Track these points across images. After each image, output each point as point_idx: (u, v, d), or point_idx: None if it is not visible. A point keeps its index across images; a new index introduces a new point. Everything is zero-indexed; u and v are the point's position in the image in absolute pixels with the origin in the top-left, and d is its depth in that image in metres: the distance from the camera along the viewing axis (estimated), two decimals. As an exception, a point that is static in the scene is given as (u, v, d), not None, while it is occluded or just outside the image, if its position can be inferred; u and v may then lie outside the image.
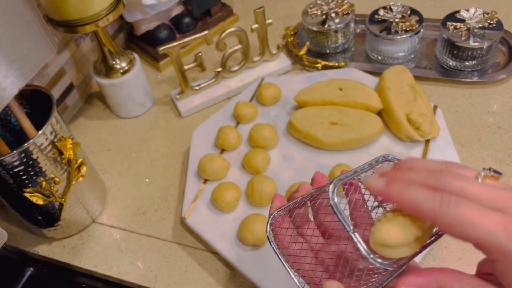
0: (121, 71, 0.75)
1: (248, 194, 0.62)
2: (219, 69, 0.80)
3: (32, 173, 0.54)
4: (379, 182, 0.31)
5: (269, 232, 0.39)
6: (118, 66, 0.75)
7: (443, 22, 0.74)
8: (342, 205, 0.38)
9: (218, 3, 0.92)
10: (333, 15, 0.79)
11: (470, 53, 0.73)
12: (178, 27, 0.90)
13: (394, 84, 0.69)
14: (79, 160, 0.59)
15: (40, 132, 0.53)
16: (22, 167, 0.53)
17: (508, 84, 0.73)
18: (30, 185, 0.55)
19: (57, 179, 0.57)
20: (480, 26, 0.71)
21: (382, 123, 0.66)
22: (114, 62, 0.75)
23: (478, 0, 0.88)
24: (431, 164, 0.31)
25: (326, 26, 0.80)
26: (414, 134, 0.64)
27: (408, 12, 0.77)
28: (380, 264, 0.31)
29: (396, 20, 0.76)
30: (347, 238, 0.38)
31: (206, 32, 0.75)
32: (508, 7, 0.86)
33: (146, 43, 0.89)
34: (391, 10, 0.78)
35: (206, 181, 0.66)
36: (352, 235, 0.31)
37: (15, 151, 0.51)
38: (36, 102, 0.60)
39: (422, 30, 0.76)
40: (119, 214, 0.68)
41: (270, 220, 0.39)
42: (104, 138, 0.79)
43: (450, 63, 0.76)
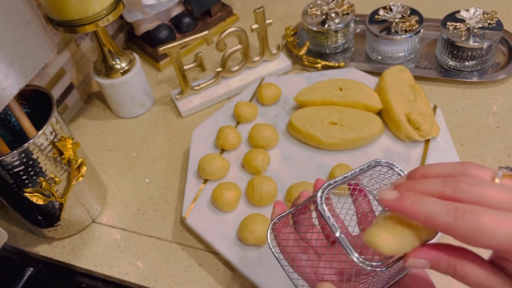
0: (121, 71, 0.75)
1: (248, 194, 0.62)
2: (219, 69, 0.80)
3: (32, 173, 0.54)
4: (392, 195, 0.30)
5: (270, 238, 0.40)
6: (118, 66, 0.75)
7: (443, 22, 0.74)
8: (341, 207, 0.39)
9: (218, 3, 0.92)
10: (333, 15, 0.79)
11: (470, 53, 0.73)
12: (178, 27, 0.90)
13: (394, 84, 0.69)
14: (79, 160, 0.59)
15: (40, 132, 0.53)
16: (22, 167, 0.53)
17: (508, 84, 0.74)
18: (30, 185, 0.55)
19: (57, 179, 0.57)
20: (480, 26, 0.71)
21: (382, 123, 0.66)
22: (114, 62, 0.75)
23: (478, 0, 0.88)
24: (445, 168, 0.30)
25: (326, 26, 0.80)
26: (414, 134, 0.64)
27: (408, 12, 0.77)
28: (367, 266, 0.31)
29: (396, 20, 0.76)
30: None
31: (206, 32, 0.75)
32: (508, 7, 0.86)
33: (146, 43, 0.89)
34: (391, 10, 0.78)
35: (206, 181, 0.66)
36: (339, 238, 0.31)
37: (15, 151, 0.51)
38: (36, 102, 0.60)
39: (422, 30, 0.76)
40: (119, 214, 0.68)
41: (271, 226, 0.40)
42: (104, 138, 0.79)
43: (450, 63, 0.76)
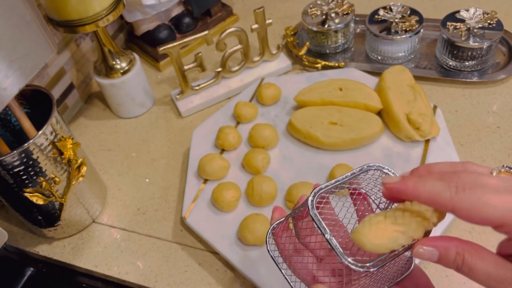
0: (121, 71, 0.75)
1: (248, 194, 0.62)
2: (219, 69, 0.80)
3: (32, 173, 0.54)
4: (396, 179, 0.32)
5: (269, 243, 0.40)
6: (118, 66, 0.75)
7: (443, 22, 0.74)
8: (342, 205, 0.39)
9: (218, 3, 0.92)
10: (333, 15, 0.79)
11: (470, 53, 0.73)
12: (178, 27, 0.90)
13: (394, 84, 0.69)
14: (79, 160, 0.59)
15: (40, 132, 0.53)
16: (22, 167, 0.53)
17: (508, 84, 0.74)
18: (30, 185, 0.55)
19: (57, 179, 0.57)
20: (480, 26, 0.71)
21: (382, 123, 0.66)
22: (114, 62, 0.75)
23: (478, 0, 0.88)
24: (447, 165, 0.32)
25: (326, 26, 0.80)
26: (414, 134, 0.64)
27: (408, 12, 0.77)
28: (356, 267, 0.31)
29: (396, 20, 0.76)
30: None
31: (206, 32, 0.75)
32: (507, 7, 0.86)
33: (146, 43, 0.90)
34: (391, 10, 0.78)
35: (206, 181, 0.66)
36: (328, 240, 0.32)
37: (15, 151, 0.51)
38: (36, 102, 0.60)
39: (422, 30, 0.76)
40: (119, 214, 0.68)
41: (270, 231, 0.40)
42: (104, 138, 0.79)
43: (450, 63, 0.76)
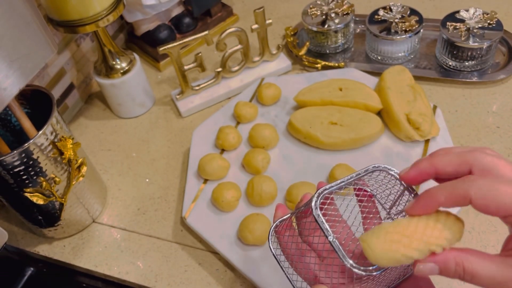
0: (121, 71, 0.75)
1: (248, 194, 0.62)
2: (219, 69, 0.80)
3: (32, 173, 0.54)
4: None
5: (271, 240, 0.40)
6: (118, 66, 0.75)
7: (443, 22, 0.74)
8: (346, 206, 0.39)
9: (218, 4, 0.92)
10: (333, 15, 0.79)
11: (469, 53, 0.73)
12: (178, 27, 0.90)
13: (394, 84, 0.69)
14: (80, 160, 0.59)
15: (41, 132, 0.53)
16: (22, 167, 0.53)
17: (508, 84, 0.74)
18: (31, 185, 0.55)
19: (57, 179, 0.57)
20: (479, 26, 0.71)
21: (382, 123, 0.67)
22: (114, 62, 0.75)
23: (478, 0, 0.88)
24: (463, 148, 0.33)
25: (326, 26, 0.80)
26: (414, 134, 0.64)
27: (408, 12, 0.77)
28: (358, 270, 0.31)
29: (396, 20, 0.76)
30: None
31: (206, 32, 0.75)
32: (507, 7, 0.86)
33: (146, 43, 0.90)
34: (390, 10, 0.78)
35: (206, 181, 0.66)
36: (331, 242, 0.32)
37: (15, 151, 0.51)
38: (37, 102, 0.60)
39: (421, 30, 0.77)
40: (119, 214, 0.68)
41: (273, 228, 0.40)
42: (104, 138, 0.79)
43: (450, 63, 0.76)
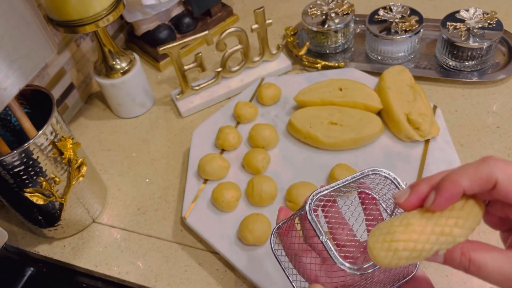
0: (121, 71, 0.75)
1: (248, 194, 0.62)
2: (219, 69, 0.80)
3: (32, 173, 0.54)
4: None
5: (273, 242, 0.40)
6: (118, 66, 0.75)
7: (443, 22, 0.74)
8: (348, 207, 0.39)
9: (218, 3, 0.92)
10: (333, 15, 0.79)
11: (469, 53, 0.73)
12: (178, 27, 0.90)
13: (394, 84, 0.69)
14: (79, 160, 0.59)
15: (41, 132, 0.53)
16: (22, 167, 0.53)
17: (508, 84, 0.74)
18: (31, 185, 0.55)
19: (57, 179, 0.57)
20: (479, 26, 0.71)
21: (382, 123, 0.67)
22: (114, 62, 0.75)
23: (478, 0, 0.88)
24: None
25: (326, 26, 0.80)
26: (414, 134, 0.64)
27: (408, 12, 0.77)
28: (349, 270, 0.32)
29: (396, 20, 0.76)
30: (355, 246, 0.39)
31: (206, 32, 0.75)
32: (507, 7, 0.86)
33: (146, 43, 0.90)
34: (391, 10, 0.78)
35: (206, 181, 0.66)
36: (323, 242, 0.33)
37: (15, 151, 0.51)
38: (37, 102, 0.60)
39: (421, 30, 0.77)
40: (119, 214, 0.68)
41: (276, 230, 0.40)
42: (104, 138, 0.79)
43: (450, 63, 0.76)
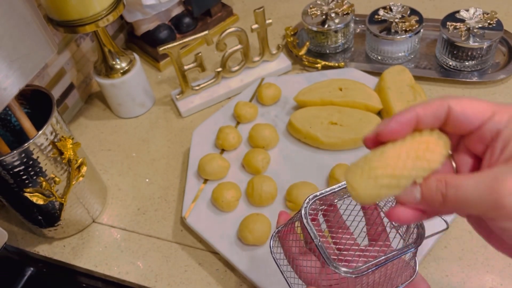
0: (121, 71, 0.75)
1: (248, 194, 0.62)
2: (219, 69, 0.80)
3: (32, 173, 0.54)
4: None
5: (272, 245, 0.41)
6: (118, 66, 0.75)
7: (443, 22, 0.74)
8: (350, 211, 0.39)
9: (218, 3, 0.92)
10: (333, 15, 0.79)
11: (470, 53, 0.73)
12: (178, 27, 0.90)
13: (394, 84, 0.69)
14: (79, 160, 0.59)
15: (40, 132, 0.53)
16: (22, 167, 0.53)
17: (508, 84, 0.74)
18: (30, 185, 0.55)
19: (57, 179, 0.57)
20: (479, 26, 0.71)
21: (382, 123, 0.66)
22: (114, 62, 0.75)
23: (478, 0, 0.88)
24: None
25: (326, 26, 0.80)
26: (414, 134, 0.64)
27: (408, 12, 0.77)
28: (344, 273, 0.32)
29: (396, 20, 0.76)
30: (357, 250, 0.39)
31: (206, 32, 0.75)
32: (507, 7, 0.86)
33: (146, 43, 0.90)
34: (391, 10, 0.78)
35: (206, 181, 0.66)
36: (317, 245, 0.33)
37: (15, 151, 0.51)
38: (36, 102, 0.60)
39: (422, 30, 0.76)
40: (119, 214, 0.68)
41: (275, 233, 0.40)
42: (104, 138, 0.79)
43: (450, 63, 0.76)
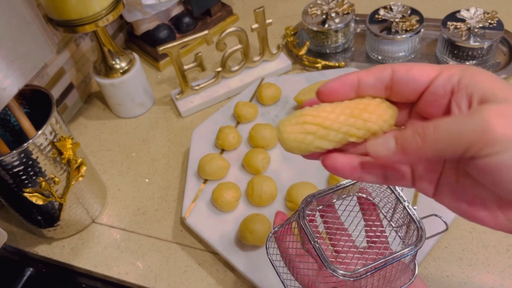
0: (121, 71, 0.75)
1: (248, 194, 0.62)
2: (219, 69, 0.79)
3: (31, 173, 0.54)
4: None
5: (269, 246, 0.41)
6: (118, 66, 0.75)
7: (444, 22, 0.74)
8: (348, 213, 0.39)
9: (218, 3, 0.92)
10: (333, 15, 0.79)
11: (470, 53, 0.73)
12: (178, 27, 0.90)
13: (394, 84, 0.69)
14: (79, 160, 0.59)
15: (40, 132, 0.53)
16: (21, 167, 0.53)
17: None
18: (30, 185, 0.55)
19: (56, 179, 0.57)
20: (480, 26, 0.71)
21: (382, 123, 0.66)
22: (114, 62, 0.75)
23: (478, 0, 0.88)
24: None
25: (326, 26, 0.80)
26: (414, 134, 0.64)
27: (408, 12, 0.77)
28: (342, 277, 0.32)
29: (397, 20, 0.76)
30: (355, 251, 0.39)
31: (206, 32, 0.75)
32: (508, 7, 0.85)
33: (146, 43, 0.89)
34: (391, 10, 0.78)
35: (206, 181, 0.66)
36: (315, 247, 0.33)
37: (14, 151, 0.51)
38: (36, 102, 0.60)
39: (422, 30, 0.76)
40: (119, 214, 0.68)
41: (272, 234, 0.41)
42: (104, 138, 0.79)
43: (450, 63, 0.76)
